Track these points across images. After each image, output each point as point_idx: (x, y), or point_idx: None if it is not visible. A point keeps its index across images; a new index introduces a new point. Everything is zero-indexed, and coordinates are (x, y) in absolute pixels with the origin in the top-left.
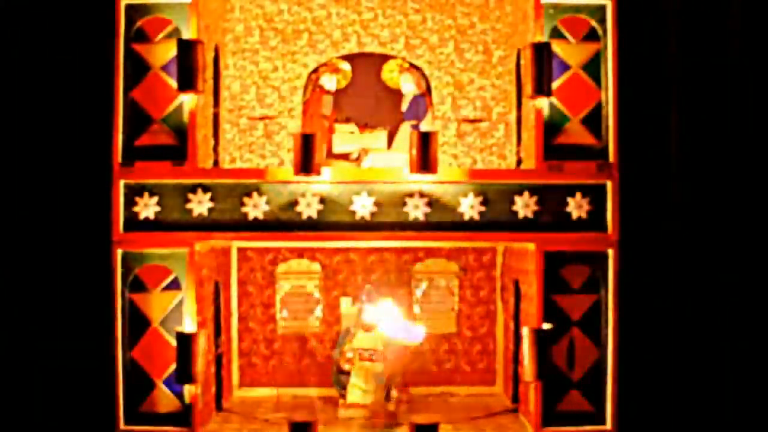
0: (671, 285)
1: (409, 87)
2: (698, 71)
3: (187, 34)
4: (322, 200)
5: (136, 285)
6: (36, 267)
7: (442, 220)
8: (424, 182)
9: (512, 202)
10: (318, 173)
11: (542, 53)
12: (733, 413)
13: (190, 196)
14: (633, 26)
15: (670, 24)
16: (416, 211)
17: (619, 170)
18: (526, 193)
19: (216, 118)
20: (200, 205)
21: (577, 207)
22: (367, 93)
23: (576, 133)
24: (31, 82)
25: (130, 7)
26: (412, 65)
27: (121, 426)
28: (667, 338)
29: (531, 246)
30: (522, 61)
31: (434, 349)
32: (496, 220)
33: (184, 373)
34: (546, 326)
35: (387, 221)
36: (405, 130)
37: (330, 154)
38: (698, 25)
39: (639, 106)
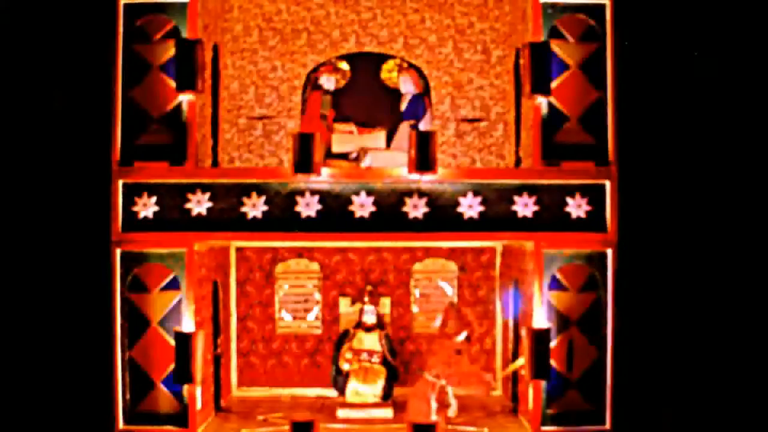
0: (670, 285)
1: (407, 86)
2: (697, 71)
3: (187, 33)
4: (320, 200)
5: (136, 285)
6: (35, 267)
7: (441, 220)
8: (423, 182)
9: (511, 202)
10: (317, 173)
11: (541, 52)
12: (732, 413)
13: (189, 195)
14: (631, 26)
15: (668, 23)
16: (415, 210)
17: (617, 170)
18: (525, 193)
19: (215, 117)
20: (199, 205)
21: (576, 207)
22: (366, 93)
23: (575, 133)
24: (31, 81)
25: (129, 7)
26: (410, 65)
27: (120, 426)
28: (665, 338)
29: (530, 245)
30: (521, 61)
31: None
32: (495, 220)
33: (183, 373)
34: (545, 326)
35: (386, 221)
36: (404, 129)
37: (329, 154)
38: (697, 24)
39: (638, 105)
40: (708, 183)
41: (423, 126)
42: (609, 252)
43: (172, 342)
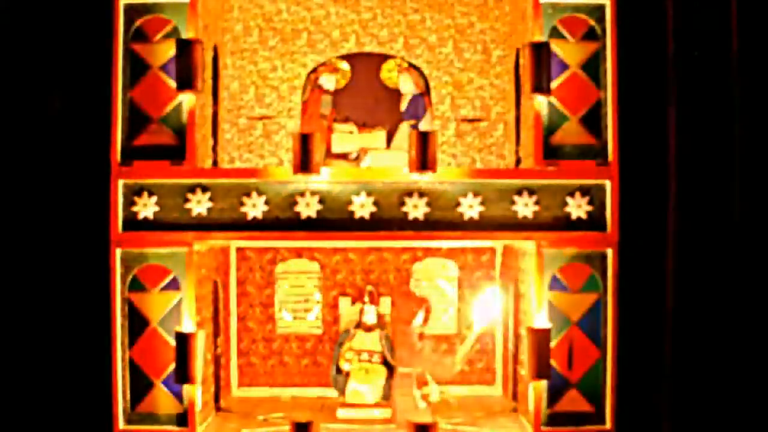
0: (671, 285)
1: (408, 86)
2: (698, 71)
3: (187, 33)
4: (321, 200)
5: (135, 285)
6: (34, 267)
7: (441, 220)
8: (423, 182)
9: (511, 202)
10: (317, 173)
11: (541, 52)
12: (733, 414)
13: (189, 195)
14: (632, 26)
15: (669, 24)
16: (415, 210)
17: (618, 170)
18: (525, 193)
19: (215, 117)
20: (199, 205)
21: (576, 207)
22: (366, 93)
23: (575, 133)
24: (31, 81)
25: (129, 7)
26: (411, 65)
27: (119, 426)
28: (666, 338)
29: (530, 245)
30: (521, 61)
31: (433, 349)
32: (496, 220)
33: (183, 373)
34: (545, 326)
35: (386, 221)
36: (404, 129)
37: (329, 154)
38: (698, 24)
39: (638, 105)
40: (710, 182)
41: (423, 126)
42: (609, 252)
43: (172, 342)
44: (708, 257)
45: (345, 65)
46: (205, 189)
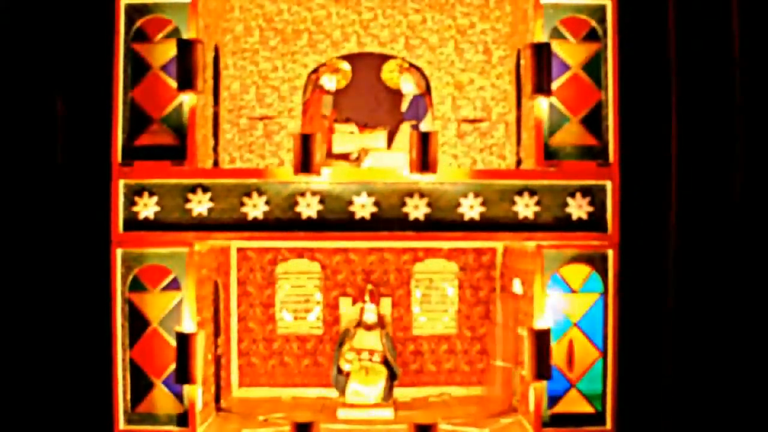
0: (671, 285)
1: (409, 87)
2: (698, 71)
3: (187, 34)
4: (321, 200)
5: (136, 285)
6: (36, 267)
7: (441, 220)
8: (423, 182)
9: (512, 202)
10: (318, 173)
11: (542, 53)
12: (732, 414)
13: (190, 196)
14: (633, 26)
15: (670, 24)
16: (416, 211)
17: (619, 170)
18: (526, 194)
19: (216, 117)
20: (200, 205)
21: (577, 207)
22: (367, 93)
23: (576, 133)
24: (31, 81)
25: (130, 7)
26: (411, 65)
27: (120, 426)
28: (667, 339)
29: (531, 246)
30: (522, 61)
31: (434, 350)
32: (496, 221)
33: (184, 374)
34: (546, 327)
35: (387, 221)
36: (405, 130)
37: (330, 154)
38: (698, 24)
39: (639, 106)
40: (710, 183)
41: (424, 126)
42: (610, 252)
43: (173, 342)
44: (708, 257)
45: (346, 65)
46: (205, 189)
